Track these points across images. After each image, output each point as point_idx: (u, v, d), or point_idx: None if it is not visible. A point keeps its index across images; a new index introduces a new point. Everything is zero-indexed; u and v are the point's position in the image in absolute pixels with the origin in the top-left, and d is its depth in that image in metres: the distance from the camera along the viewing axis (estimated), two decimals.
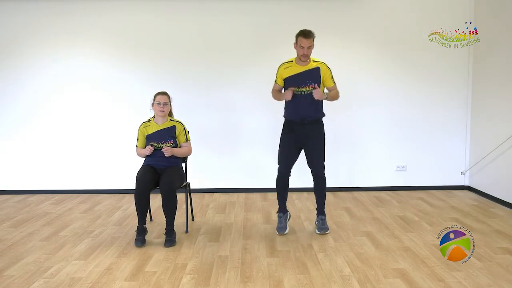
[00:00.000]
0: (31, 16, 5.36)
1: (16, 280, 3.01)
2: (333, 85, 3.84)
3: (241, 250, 3.53)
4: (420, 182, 5.57)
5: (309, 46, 3.67)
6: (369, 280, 2.95)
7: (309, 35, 3.66)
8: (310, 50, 3.71)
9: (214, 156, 5.51)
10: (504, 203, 4.76)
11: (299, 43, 3.69)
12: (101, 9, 5.35)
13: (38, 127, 5.49)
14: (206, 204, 5.01)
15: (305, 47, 3.66)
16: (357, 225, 4.17)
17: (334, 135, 5.13)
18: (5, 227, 4.19)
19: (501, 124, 4.83)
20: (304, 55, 3.69)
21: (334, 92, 3.86)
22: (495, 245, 3.59)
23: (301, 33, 3.68)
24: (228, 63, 5.42)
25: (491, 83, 5.04)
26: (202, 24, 5.39)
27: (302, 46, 3.67)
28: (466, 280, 2.93)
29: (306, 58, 3.73)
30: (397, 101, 5.49)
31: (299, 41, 3.69)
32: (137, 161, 4.18)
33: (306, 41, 3.65)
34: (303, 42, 3.66)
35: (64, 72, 5.42)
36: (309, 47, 3.68)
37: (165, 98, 3.91)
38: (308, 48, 3.68)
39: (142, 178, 3.69)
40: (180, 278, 3.02)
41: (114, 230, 4.08)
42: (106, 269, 3.18)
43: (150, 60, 5.41)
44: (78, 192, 5.51)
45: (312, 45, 3.71)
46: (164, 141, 3.89)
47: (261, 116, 5.43)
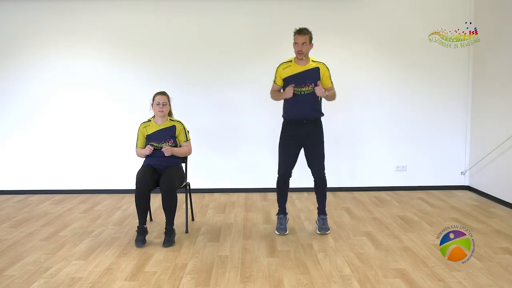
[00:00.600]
0: (31, 16, 5.36)
1: (16, 280, 3.01)
2: (331, 86, 3.88)
3: (241, 250, 3.53)
4: (420, 182, 5.57)
5: (303, 42, 3.69)
6: (369, 280, 2.95)
7: (303, 31, 3.70)
8: (306, 47, 3.72)
9: (214, 156, 5.51)
10: (504, 203, 4.76)
11: (294, 40, 3.74)
12: (101, 9, 5.35)
13: (38, 127, 5.49)
14: (206, 204, 5.01)
15: (299, 43, 3.69)
16: (357, 225, 4.17)
17: (334, 135, 5.13)
18: (5, 227, 4.19)
19: (501, 124, 4.83)
20: (300, 51, 3.71)
21: (332, 92, 3.90)
22: (495, 245, 3.59)
23: (295, 30, 3.74)
24: (228, 63, 5.42)
25: (491, 83, 5.04)
26: (202, 24, 5.39)
27: (297, 42, 3.71)
28: (466, 280, 2.93)
29: (302, 55, 3.73)
30: (397, 101, 5.49)
31: (294, 38, 3.74)
32: (137, 161, 4.18)
33: (300, 37, 3.69)
34: (298, 38, 3.70)
35: (64, 72, 5.42)
36: (304, 43, 3.70)
37: (164, 98, 3.91)
38: (303, 44, 3.70)
39: (142, 178, 3.69)
40: (180, 278, 3.02)
41: (114, 230, 4.08)
42: (106, 269, 3.18)
43: (150, 60, 5.41)
44: (78, 192, 5.51)
45: (308, 43, 3.72)
46: (164, 140, 3.89)
47: (261, 116, 5.43)
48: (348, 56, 5.41)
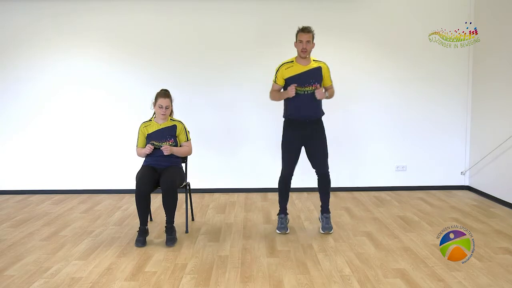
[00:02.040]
0: (31, 16, 5.36)
1: (16, 280, 3.01)
2: (330, 84, 3.94)
3: (241, 250, 3.53)
4: (420, 182, 5.57)
5: (307, 41, 3.71)
6: (369, 280, 2.95)
7: (307, 29, 3.74)
8: (309, 45, 3.74)
9: (214, 156, 5.51)
10: (504, 203, 4.76)
11: (298, 38, 3.76)
12: (101, 9, 5.35)
13: (38, 127, 5.48)
14: (206, 204, 5.01)
15: (303, 40, 3.71)
16: (357, 225, 4.17)
17: (334, 135, 5.11)
18: (5, 227, 4.19)
19: (501, 124, 4.83)
20: (304, 49, 3.72)
21: (331, 91, 3.96)
22: (495, 245, 3.59)
23: (299, 29, 3.76)
24: (228, 63, 5.42)
25: (491, 83, 5.03)
26: (202, 24, 5.38)
27: (301, 40, 3.72)
28: (466, 280, 2.93)
29: (306, 53, 3.74)
30: (397, 101, 5.49)
31: (298, 36, 3.76)
32: (137, 161, 4.18)
33: (305, 35, 3.71)
34: (302, 36, 3.72)
35: (64, 72, 5.42)
36: (308, 41, 3.72)
37: (167, 101, 3.87)
38: (307, 42, 3.72)
39: (142, 178, 3.68)
40: (180, 278, 3.02)
41: (114, 230, 4.08)
42: (106, 269, 3.18)
43: (150, 59, 5.41)
44: (78, 192, 5.51)
45: (311, 41, 3.75)
46: (165, 140, 3.88)
47: (261, 116, 5.43)
48: (348, 56, 5.41)
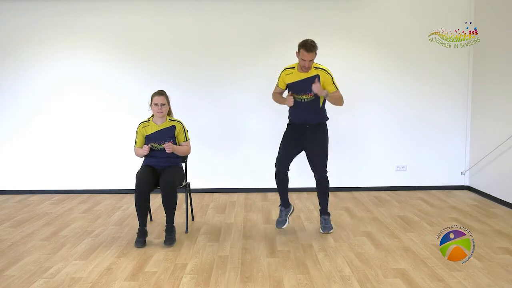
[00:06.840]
0: (31, 16, 5.36)
1: (16, 280, 3.01)
2: (335, 90, 3.75)
3: (241, 250, 3.53)
4: (420, 182, 5.57)
5: (310, 60, 3.60)
6: (369, 280, 2.94)
7: (311, 49, 3.55)
8: (312, 63, 3.65)
9: (214, 156, 5.51)
10: (504, 203, 4.76)
11: (301, 55, 3.61)
12: (101, 9, 5.35)
13: (38, 127, 5.48)
14: (206, 204, 5.01)
15: (306, 60, 3.59)
16: (357, 225, 4.17)
17: (334, 136, 5.05)
18: (5, 227, 4.19)
19: (501, 124, 4.83)
20: (305, 67, 3.65)
21: (335, 96, 3.75)
22: (495, 245, 3.59)
23: (303, 46, 3.57)
24: (228, 63, 5.42)
25: (491, 83, 5.03)
26: (202, 24, 5.38)
27: (304, 59, 3.60)
28: (466, 280, 2.93)
29: (307, 70, 3.68)
30: (397, 101, 5.49)
31: (301, 53, 3.60)
32: (137, 161, 4.18)
33: (308, 54, 3.57)
34: (305, 55, 3.58)
35: (64, 72, 5.42)
36: (311, 60, 3.61)
37: (162, 98, 3.85)
38: (310, 61, 3.61)
39: (142, 179, 3.68)
40: (180, 278, 3.02)
41: (114, 230, 4.08)
42: (106, 269, 3.18)
43: (150, 60, 5.41)
44: (78, 192, 5.51)
45: (314, 57, 3.62)
46: (164, 141, 3.87)
47: (261, 116, 5.43)
48: (348, 56, 5.41)
